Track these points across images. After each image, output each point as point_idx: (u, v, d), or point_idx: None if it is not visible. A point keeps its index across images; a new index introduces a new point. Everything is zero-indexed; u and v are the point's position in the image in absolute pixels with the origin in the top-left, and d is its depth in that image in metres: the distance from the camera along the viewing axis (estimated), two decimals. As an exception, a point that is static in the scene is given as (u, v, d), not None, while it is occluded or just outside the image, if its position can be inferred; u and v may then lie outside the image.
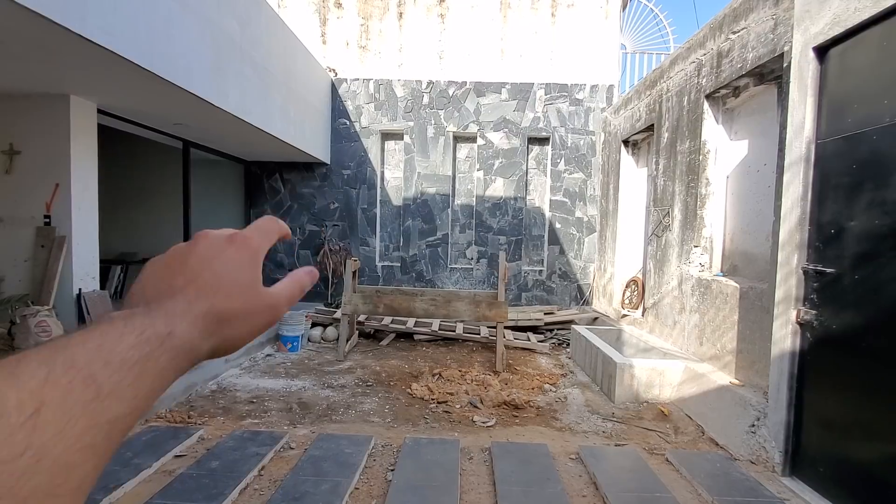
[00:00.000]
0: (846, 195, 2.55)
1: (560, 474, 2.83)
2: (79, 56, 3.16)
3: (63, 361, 0.25)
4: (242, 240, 0.37)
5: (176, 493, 2.50)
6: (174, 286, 0.33)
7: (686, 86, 4.68)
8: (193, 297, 0.33)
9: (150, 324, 0.30)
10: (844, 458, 2.52)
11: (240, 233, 0.37)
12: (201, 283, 0.34)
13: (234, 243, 0.36)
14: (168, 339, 0.30)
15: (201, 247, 0.36)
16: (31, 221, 4.24)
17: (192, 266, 0.34)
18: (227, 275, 0.35)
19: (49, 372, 0.24)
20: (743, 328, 3.63)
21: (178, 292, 0.33)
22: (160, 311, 0.31)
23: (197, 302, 0.33)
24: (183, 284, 0.33)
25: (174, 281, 0.34)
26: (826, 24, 2.63)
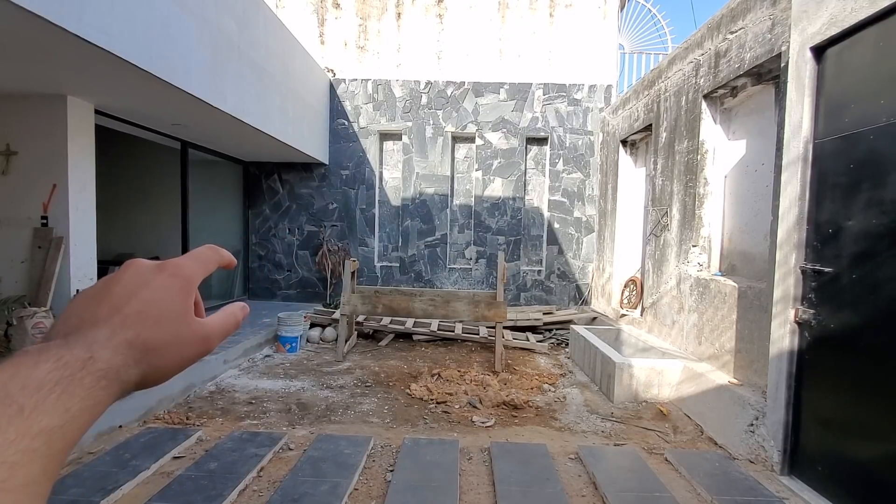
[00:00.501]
0: (844, 195, 2.56)
1: (559, 474, 2.83)
2: (76, 56, 3.15)
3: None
4: (174, 268, 0.36)
5: (174, 494, 2.49)
6: (98, 315, 0.33)
7: (684, 86, 4.69)
8: (118, 326, 0.32)
9: (67, 351, 0.30)
10: (843, 457, 2.52)
11: (172, 261, 0.37)
12: (127, 312, 0.33)
13: (164, 271, 0.36)
14: (90, 363, 0.30)
15: (128, 275, 0.35)
16: (28, 222, 4.23)
17: (117, 294, 0.34)
18: (154, 304, 0.34)
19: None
20: (741, 327, 3.64)
21: (102, 321, 0.32)
22: (79, 340, 0.31)
23: (121, 331, 0.32)
24: (107, 314, 0.33)
25: (98, 310, 0.33)
26: (823, 25, 2.64)
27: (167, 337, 0.34)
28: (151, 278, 0.35)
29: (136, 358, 0.32)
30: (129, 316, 0.33)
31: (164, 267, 0.36)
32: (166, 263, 0.36)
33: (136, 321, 0.33)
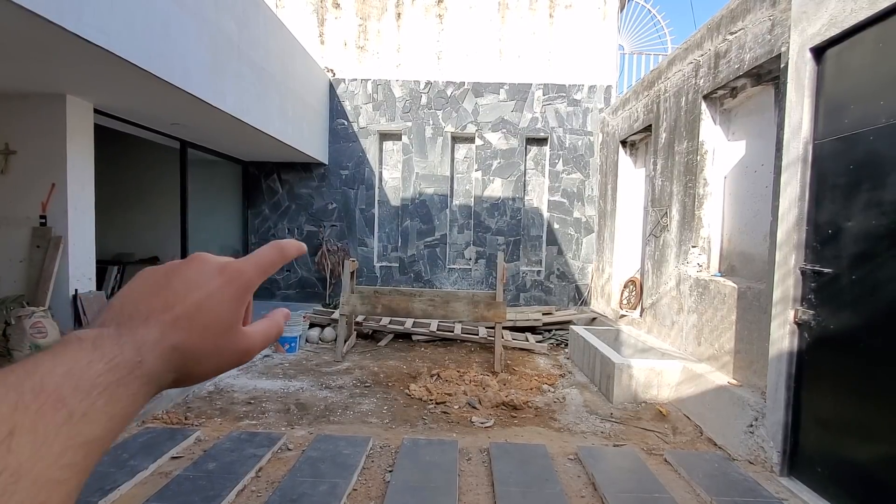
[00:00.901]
0: (843, 195, 2.56)
1: (559, 475, 2.83)
2: (75, 56, 3.15)
3: (32, 387, 0.26)
4: (234, 273, 0.35)
5: (172, 494, 2.48)
6: (152, 307, 0.32)
7: (684, 86, 4.69)
8: (168, 328, 0.32)
9: (119, 352, 0.29)
10: (842, 458, 2.52)
11: (233, 264, 0.36)
12: (179, 313, 0.33)
13: (223, 275, 0.35)
14: (138, 368, 0.30)
15: (190, 271, 0.35)
16: (26, 222, 4.22)
17: (175, 289, 0.33)
18: (206, 310, 0.33)
19: (18, 398, 0.25)
20: (741, 328, 3.64)
21: (154, 317, 0.32)
22: (131, 339, 0.30)
23: (170, 333, 0.32)
24: (161, 308, 0.33)
25: (153, 301, 0.33)
26: (823, 26, 2.64)
27: (210, 347, 0.34)
28: (210, 281, 0.34)
29: (175, 363, 0.32)
30: (180, 318, 0.33)
31: (225, 269, 0.35)
32: (227, 267, 0.35)
33: (184, 325, 0.33)
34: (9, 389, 0.25)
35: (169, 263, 0.36)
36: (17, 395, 0.25)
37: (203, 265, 0.35)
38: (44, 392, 0.26)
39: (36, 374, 0.26)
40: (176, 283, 0.34)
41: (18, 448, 0.24)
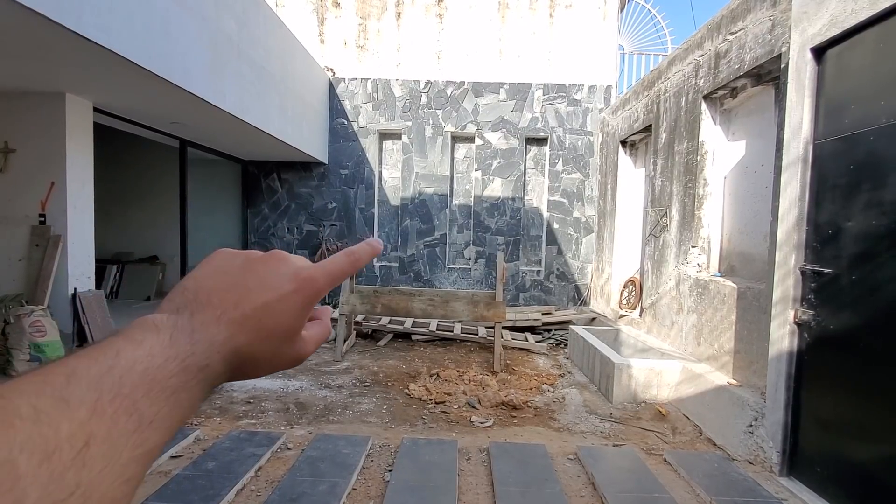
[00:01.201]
0: (843, 196, 2.56)
1: (558, 474, 2.82)
2: (75, 54, 3.14)
3: (111, 387, 0.24)
4: (307, 280, 0.34)
5: (172, 494, 2.48)
6: (224, 301, 0.32)
7: (684, 86, 4.69)
8: (235, 329, 0.32)
9: (191, 352, 0.29)
10: (842, 458, 2.52)
11: (307, 273, 0.35)
12: (248, 314, 0.32)
13: (297, 280, 0.34)
14: (203, 371, 0.29)
15: (266, 270, 0.34)
16: (25, 220, 4.21)
17: (248, 287, 0.33)
18: (274, 316, 0.33)
19: (97, 399, 0.24)
20: (740, 328, 3.64)
21: (225, 315, 0.32)
22: (203, 337, 0.30)
23: (237, 335, 0.32)
24: (232, 305, 0.32)
25: (226, 295, 0.32)
26: (823, 26, 2.64)
27: (269, 353, 0.33)
28: (283, 285, 0.34)
29: (234, 365, 0.32)
30: (249, 319, 0.32)
31: (298, 275, 0.34)
32: (300, 273, 0.35)
33: (252, 328, 0.32)
34: (90, 387, 0.24)
35: (247, 254, 0.35)
36: (97, 394, 0.24)
37: (279, 266, 0.35)
38: (120, 395, 0.24)
39: (116, 369, 0.25)
40: (251, 280, 0.33)
41: (92, 462, 0.22)
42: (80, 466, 0.21)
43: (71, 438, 0.22)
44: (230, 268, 0.34)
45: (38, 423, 0.21)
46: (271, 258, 0.35)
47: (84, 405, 0.23)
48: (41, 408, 0.22)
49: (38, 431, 0.21)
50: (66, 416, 0.22)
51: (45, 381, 0.23)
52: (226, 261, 0.34)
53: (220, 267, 0.34)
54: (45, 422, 0.22)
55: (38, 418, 0.21)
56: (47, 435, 0.21)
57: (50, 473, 0.21)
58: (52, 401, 0.22)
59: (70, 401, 0.23)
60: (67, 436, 0.22)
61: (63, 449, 0.21)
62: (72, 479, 0.21)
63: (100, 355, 0.26)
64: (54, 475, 0.21)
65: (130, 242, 7.94)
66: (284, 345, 0.34)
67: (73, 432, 0.22)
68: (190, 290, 0.32)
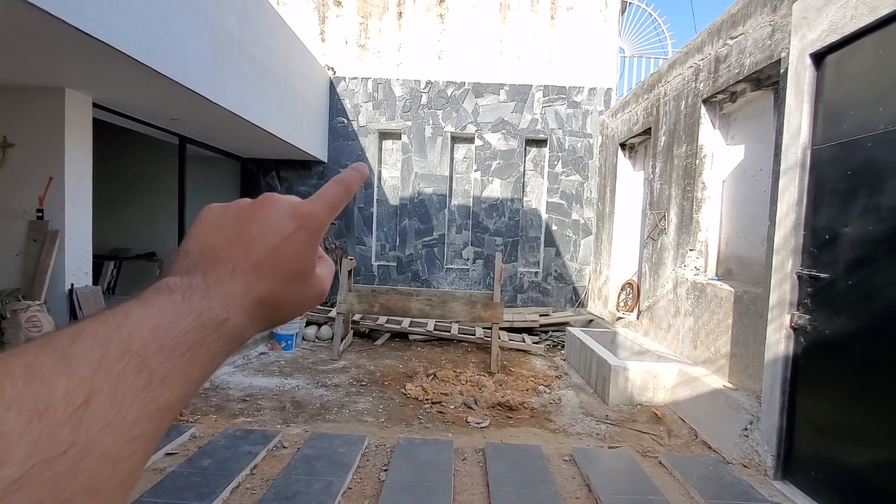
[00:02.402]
0: (841, 201, 2.57)
1: (553, 476, 2.83)
2: (75, 49, 3.14)
3: (118, 344, 0.24)
4: (306, 218, 0.33)
5: (167, 491, 2.48)
6: (232, 256, 0.31)
7: (684, 90, 4.70)
8: (253, 280, 0.31)
9: (207, 307, 0.28)
10: (836, 462, 2.53)
11: (303, 208, 0.34)
12: (262, 263, 0.31)
13: (296, 219, 0.33)
14: (222, 325, 0.28)
15: (265, 215, 0.33)
16: (23, 215, 4.20)
17: (253, 235, 0.32)
18: (288, 259, 0.32)
19: (103, 356, 0.23)
20: (737, 332, 3.65)
21: (237, 266, 0.31)
22: (219, 293, 0.29)
23: (255, 286, 0.31)
24: (242, 257, 0.31)
25: (232, 248, 0.31)
26: (823, 31, 2.65)
27: (293, 296, 0.33)
28: (287, 227, 0.33)
29: (260, 316, 0.31)
30: (264, 268, 0.31)
31: (296, 214, 0.33)
32: (298, 210, 0.34)
33: (267, 275, 0.31)
34: (95, 344, 0.23)
35: (237, 203, 0.34)
36: (102, 352, 0.23)
37: (275, 207, 0.33)
38: (129, 352, 0.24)
39: (124, 328, 0.25)
40: (251, 227, 0.32)
41: (91, 419, 0.21)
42: (75, 424, 0.21)
43: (68, 396, 0.21)
44: (226, 221, 0.33)
45: (29, 382, 0.21)
46: (264, 202, 0.34)
47: (87, 363, 0.23)
48: (36, 367, 0.22)
49: (29, 390, 0.21)
50: (66, 374, 0.22)
51: (48, 342, 0.23)
52: (218, 215, 0.33)
53: (215, 222, 0.33)
54: (39, 380, 0.21)
55: (30, 377, 0.21)
56: (38, 393, 0.21)
57: (39, 431, 0.20)
58: (53, 360, 0.22)
59: (72, 359, 0.22)
60: (64, 393, 0.21)
61: (57, 406, 0.21)
62: (65, 436, 0.21)
63: (108, 317, 0.25)
64: (44, 433, 0.20)
65: (128, 239, 7.92)
66: (304, 284, 0.34)
67: (72, 390, 0.21)
68: (194, 252, 0.31)
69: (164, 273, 0.32)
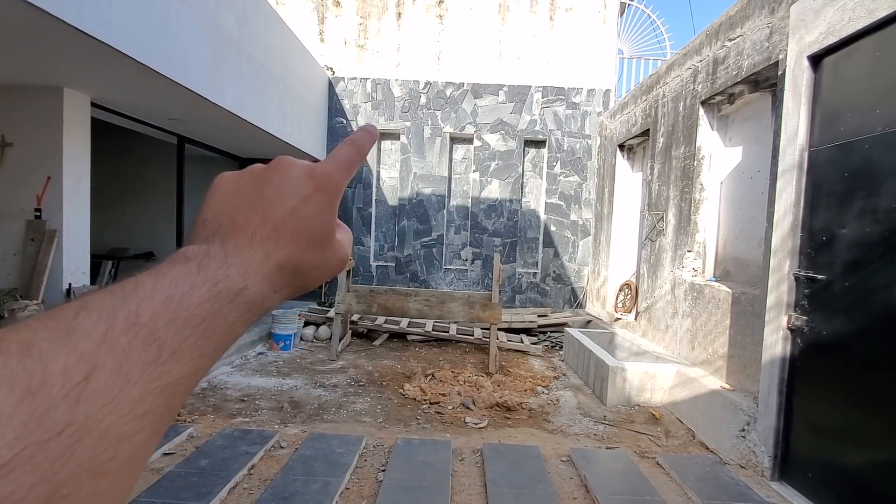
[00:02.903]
0: (838, 203, 2.58)
1: (551, 476, 2.83)
2: (73, 49, 3.13)
3: (125, 317, 0.23)
4: (323, 179, 0.32)
5: (164, 491, 2.47)
6: (250, 222, 0.30)
7: (682, 91, 4.71)
8: (272, 246, 0.30)
9: (224, 276, 0.27)
10: (833, 463, 2.54)
11: (320, 169, 0.33)
12: (281, 228, 0.30)
13: (313, 181, 0.32)
14: (240, 295, 0.27)
15: (280, 179, 0.32)
16: (21, 214, 4.19)
17: (269, 200, 0.31)
18: (307, 222, 0.31)
19: (108, 329, 0.22)
20: (734, 333, 3.66)
21: (255, 232, 0.30)
22: (238, 260, 0.28)
23: (275, 251, 0.30)
24: (259, 222, 0.30)
25: (250, 214, 0.30)
26: (820, 34, 2.66)
27: (315, 260, 0.32)
28: (304, 189, 0.31)
29: (281, 283, 0.30)
30: (283, 233, 0.30)
31: (313, 175, 0.32)
32: (314, 172, 0.32)
33: (287, 240, 0.30)
34: (101, 317, 0.22)
35: (250, 169, 0.33)
36: (108, 325, 0.22)
37: (291, 170, 0.32)
38: (137, 324, 0.23)
39: (133, 299, 0.23)
40: (267, 192, 0.31)
41: (91, 396, 0.20)
42: (73, 402, 0.20)
43: (66, 372, 0.20)
44: (241, 187, 0.32)
45: (23, 359, 0.20)
46: (279, 165, 0.33)
47: (90, 336, 0.21)
48: (33, 342, 0.20)
49: (23, 367, 0.20)
50: (66, 349, 0.21)
51: (52, 315, 0.22)
52: (233, 182, 0.32)
53: (230, 189, 0.32)
54: (35, 356, 0.20)
55: (25, 353, 0.20)
56: (32, 370, 0.20)
57: (31, 412, 0.19)
58: (53, 334, 0.21)
59: (74, 332, 0.21)
60: (62, 370, 0.20)
61: (52, 384, 0.20)
62: (61, 416, 0.19)
63: (117, 289, 0.24)
64: (37, 413, 0.19)
65: (126, 238, 7.90)
66: (325, 248, 0.33)
67: (71, 365, 0.20)
68: (211, 220, 0.30)
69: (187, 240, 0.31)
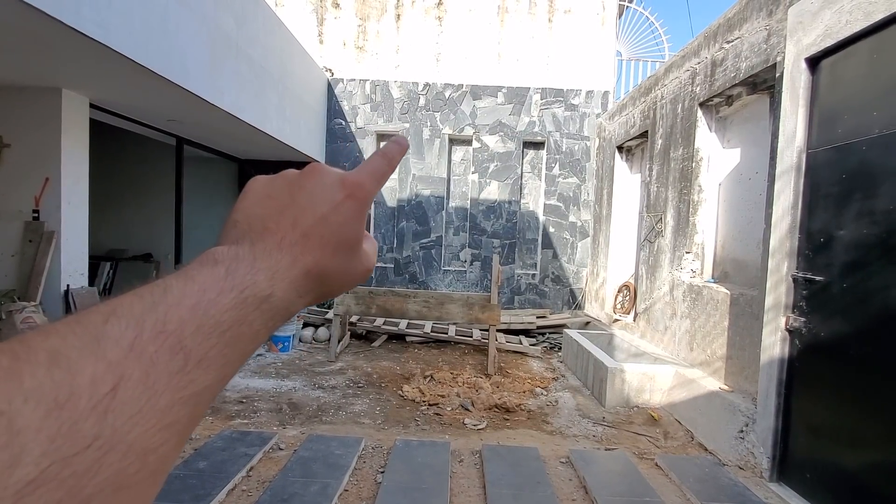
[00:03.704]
0: (836, 204, 2.58)
1: (550, 478, 2.83)
2: (72, 50, 3.13)
3: (153, 324, 0.22)
4: (355, 188, 0.32)
5: (162, 493, 2.46)
6: (281, 226, 0.30)
7: (680, 93, 4.73)
8: (299, 251, 0.30)
9: (251, 281, 0.27)
10: (831, 464, 2.54)
11: (351, 177, 0.33)
12: (310, 233, 0.30)
13: (345, 188, 0.32)
14: (266, 301, 0.27)
15: (313, 185, 0.32)
16: (19, 216, 4.18)
17: (301, 205, 0.31)
18: (337, 229, 0.31)
19: (136, 337, 0.22)
20: (733, 334, 3.66)
21: (284, 237, 0.30)
22: (265, 265, 0.28)
23: (302, 257, 0.30)
24: (290, 227, 0.30)
25: (281, 218, 0.30)
26: (818, 36, 2.67)
27: (341, 268, 0.32)
28: (335, 196, 0.32)
29: (307, 288, 0.30)
30: (312, 238, 0.30)
31: (344, 183, 0.32)
32: (346, 179, 0.33)
33: (315, 245, 0.30)
34: (129, 325, 0.22)
35: (284, 174, 0.33)
36: (136, 332, 0.22)
37: (323, 177, 0.33)
38: (165, 332, 0.22)
39: (161, 305, 0.23)
40: (300, 197, 0.31)
41: (119, 408, 0.20)
42: (101, 414, 0.19)
43: (94, 383, 0.20)
44: (273, 192, 0.32)
45: (52, 369, 0.19)
46: (312, 172, 0.33)
47: (119, 345, 0.21)
48: (62, 351, 0.20)
49: (51, 378, 0.19)
50: (93, 358, 0.20)
51: (79, 321, 0.21)
52: (266, 186, 0.33)
53: (262, 193, 0.32)
54: (63, 366, 0.19)
55: (53, 362, 0.19)
56: (60, 381, 0.19)
57: (59, 425, 0.18)
58: (81, 342, 0.20)
59: (102, 340, 0.21)
60: (90, 380, 0.20)
61: (80, 396, 0.19)
62: (89, 430, 0.19)
63: (146, 293, 0.24)
64: (64, 427, 0.18)
65: (124, 240, 7.89)
66: (352, 256, 0.33)
67: (99, 376, 0.20)
68: (242, 222, 0.31)
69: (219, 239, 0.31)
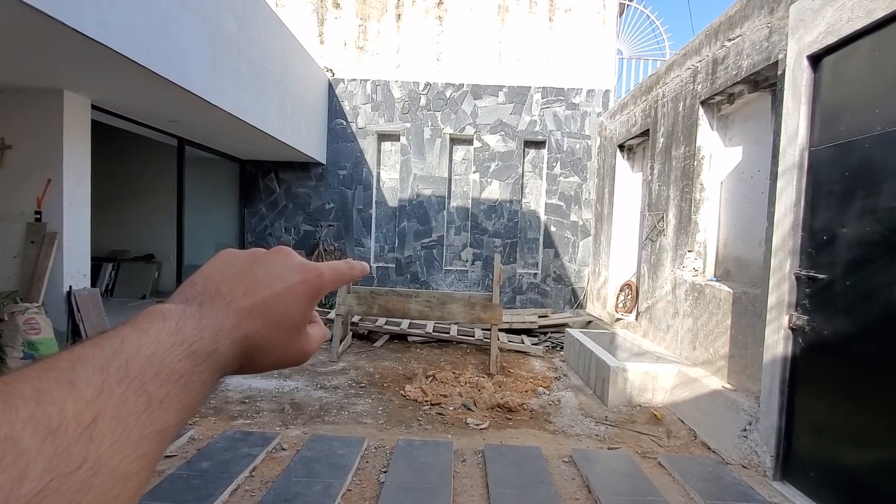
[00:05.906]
0: (838, 202, 2.58)
1: (553, 477, 2.83)
2: (73, 51, 3.14)
3: (117, 370, 0.25)
4: (313, 274, 0.35)
5: (165, 493, 2.47)
6: (233, 293, 0.33)
7: (682, 92, 4.72)
8: (244, 317, 0.32)
9: (198, 337, 0.29)
10: (835, 463, 2.54)
11: (314, 267, 0.36)
12: (257, 302, 0.33)
13: (304, 272, 0.35)
14: (212, 356, 0.30)
15: (274, 262, 0.35)
16: (21, 217, 4.19)
17: (258, 278, 0.34)
18: (282, 305, 0.34)
19: (104, 381, 0.24)
20: (735, 333, 3.65)
21: (233, 302, 0.32)
22: (211, 323, 0.30)
23: (245, 323, 0.32)
24: (241, 295, 0.33)
25: (235, 285, 0.33)
26: (820, 34, 2.67)
27: (278, 342, 0.34)
28: (291, 276, 0.34)
29: (243, 352, 0.32)
30: (258, 307, 0.33)
31: (304, 268, 0.35)
32: (307, 266, 0.36)
33: (261, 316, 0.33)
34: (96, 370, 0.25)
35: (252, 250, 0.36)
36: (103, 377, 0.25)
37: (286, 259, 0.36)
38: (128, 377, 0.25)
39: (122, 354, 0.26)
40: (259, 271, 0.34)
41: (100, 437, 0.23)
42: (87, 441, 0.22)
43: (78, 416, 0.22)
44: (237, 262, 0.35)
45: (41, 403, 0.22)
46: (278, 252, 0.36)
47: (91, 386, 0.24)
48: (45, 389, 0.23)
49: (42, 409, 0.22)
50: (72, 396, 0.23)
51: (50, 366, 0.24)
52: (233, 256, 0.35)
53: (227, 261, 0.35)
54: (49, 401, 0.22)
55: (41, 398, 0.22)
56: (51, 413, 0.22)
57: (55, 448, 0.21)
58: (57, 383, 0.23)
59: (76, 382, 0.24)
60: (74, 413, 0.22)
61: (69, 425, 0.22)
62: (79, 452, 0.22)
63: (105, 342, 0.26)
64: (59, 449, 0.21)
65: (126, 240, 7.90)
66: (292, 336, 0.35)
67: (80, 410, 0.23)
68: (199, 284, 0.33)
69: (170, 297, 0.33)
